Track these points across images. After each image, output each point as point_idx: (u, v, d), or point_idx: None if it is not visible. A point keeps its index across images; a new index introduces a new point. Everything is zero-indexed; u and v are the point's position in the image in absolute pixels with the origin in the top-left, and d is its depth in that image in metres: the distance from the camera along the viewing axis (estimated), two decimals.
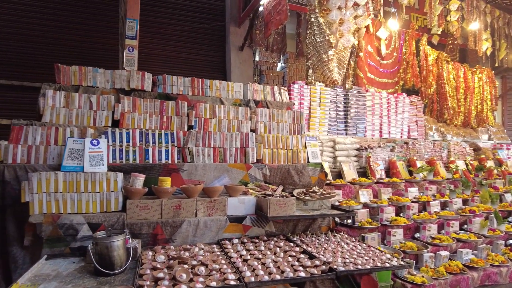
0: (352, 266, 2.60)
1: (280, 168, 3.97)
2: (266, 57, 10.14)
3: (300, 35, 6.78)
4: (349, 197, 4.49)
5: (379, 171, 5.15)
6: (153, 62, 6.66)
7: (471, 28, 6.81)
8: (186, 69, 6.60)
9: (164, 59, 6.77)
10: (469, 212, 4.61)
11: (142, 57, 6.76)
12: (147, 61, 6.70)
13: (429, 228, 4.04)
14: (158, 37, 6.77)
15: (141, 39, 6.71)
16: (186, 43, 6.91)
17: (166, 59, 6.78)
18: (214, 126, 4.14)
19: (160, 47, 6.77)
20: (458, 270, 3.52)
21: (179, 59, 6.86)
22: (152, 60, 6.69)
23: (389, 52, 6.59)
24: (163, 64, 6.70)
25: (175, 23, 6.82)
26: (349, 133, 5.60)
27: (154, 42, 6.74)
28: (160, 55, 6.78)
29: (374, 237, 3.61)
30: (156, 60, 6.71)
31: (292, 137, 4.20)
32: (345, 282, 2.78)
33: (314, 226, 3.65)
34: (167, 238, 3.12)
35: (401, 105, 6.06)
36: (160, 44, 6.76)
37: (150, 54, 6.75)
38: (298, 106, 5.21)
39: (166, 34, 6.82)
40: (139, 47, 6.75)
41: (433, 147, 5.96)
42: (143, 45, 6.73)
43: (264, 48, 6.73)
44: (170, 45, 6.83)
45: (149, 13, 6.67)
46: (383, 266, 2.64)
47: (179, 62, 6.84)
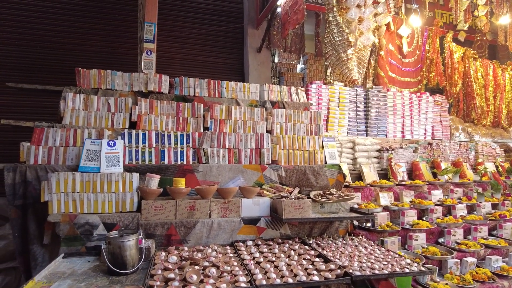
0: (368, 270, 2.49)
1: (296, 170, 3.89)
2: (285, 59, 10.09)
3: (319, 35, 6.69)
4: (369, 200, 4.35)
5: (401, 173, 4.96)
6: (172, 65, 6.76)
7: (501, 22, 6.46)
8: (204, 72, 6.64)
9: (183, 62, 6.85)
10: (499, 217, 4.35)
11: (162, 61, 6.89)
12: (167, 64, 6.81)
13: (454, 233, 3.84)
14: (177, 41, 6.86)
15: (160, 43, 6.84)
16: (205, 46, 6.96)
17: (185, 62, 6.86)
18: (229, 127, 4.13)
19: (179, 50, 6.86)
20: (487, 278, 3.32)
21: (198, 62, 6.92)
22: (171, 63, 6.79)
23: (411, 50, 6.35)
24: (182, 67, 6.78)
25: (193, 26, 6.89)
26: (370, 133, 5.44)
27: (173, 46, 6.84)
28: (179, 58, 6.87)
29: (394, 241, 3.46)
30: (175, 63, 6.81)
31: (309, 137, 4.12)
32: (361, 287, 2.67)
33: (331, 229, 3.54)
34: (181, 239, 3.12)
35: (424, 104, 5.83)
36: (179, 48, 6.85)
37: (170, 57, 6.85)
38: (316, 106, 5.11)
39: (185, 37, 6.90)
40: (158, 51, 6.87)
41: (459, 148, 5.69)
42: (163, 48, 6.85)
43: (282, 49, 6.67)
44: (189, 48, 6.91)
45: (168, 17, 6.78)
46: (402, 272, 2.52)
47: (197, 65, 6.90)
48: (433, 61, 6.42)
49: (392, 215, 4.11)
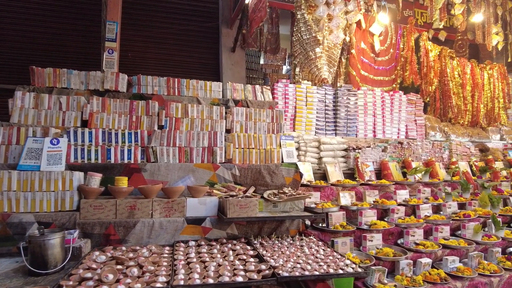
0: (299, 272, 2.39)
1: (251, 168, 3.80)
2: (271, 60, 10.02)
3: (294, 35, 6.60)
4: (330, 199, 4.24)
5: (368, 173, 4.86)
6: (146, 65, 6.71)
7: (474, 20, 6.36)
8: (179, 71, 6.59)
9: (158, 62, 6.80)
10: (464, 216, 4.24)
11: (137, 61, 6.85)
12: (141, 65, 6.76)
13: (413, 233, 3.72)
14: (152, 41, 6.81)
15: (134, 43, 6.81)
16: (180, 46, 6.91)
17: (160, 62, 6.80)
18: (186, 126, 4.06)
19: (154, 50, 6.81)
20: (439, 279, 3.20)
21: (173, 62, 6.86)
22: (145, 63, 6.74)
23: (385, 48, 6.26)
24: (157, 67, 6.72)
25: (169, 26, 6.85)
26: (339, 133, 5.35)
27: (148, 46, 6.80)
28: (154, 58, 6.82)
29: (346, 241, 3.36)
30: (150, 64, 6.76)
31: (265, 136, 4.03)
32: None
33: (281, 229, 3.45)
34: (121, 239, 3.04)
35: (397, 103, 5.73)
36: (154, 48, 6.80)
37: (144, 57, 6.81)
38: (283, 105, 5.03)
39: (160, 37, 6.85)
40: (132, 51, 6.85)
41: (432, 147, 5.58)
42: (137, 49, 6.81)
43: (256, 49, 6.60)
44: (164, 48, 6.86)
45: (142, 17, 6.75)
46: (334, 273, 2.41)
47: (172, 65, 6.85)
48: (408, 60, 6.32)
49: (351, 215, 4.01)
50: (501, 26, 7.25)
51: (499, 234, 4.12)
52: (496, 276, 3.43)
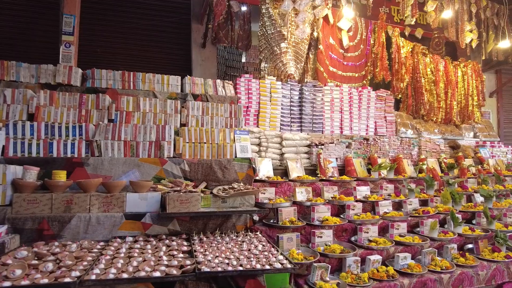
0: (220, 268, 2.30)
1: (202, 163, 3.71)
2: (252, 58, 9.93)
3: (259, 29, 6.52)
4: (287, 195, 4.16)
5: (331, 169, 4.78)
6: (116, 61, 6.59)
7: (444, 16, 6.32)
8: (150, 67, 6.47)
9: (128, 58, 6.69)
10: (423, 213, 4.17)
11: (106, 56, 6.73)
12: (111, 60, 6.64)
13: (366, 230, 3.65)
14: (123, 36, 6.70)
15: (103, 39, 6.70)
16: (151, 42, 6.80)
17: (130, 58, 6.70)
18: (137, 120, 3.96)
19: (125, 46, 6.70)
20: (386, 276, 3.12)
21: (144, 58, 6.76)
22: (115, 59, 6.63)
23: (355, 44, 6.19)
24: (127, 63, 6.60)
25: (139, 22, 6.74)
26: (305, 129, 5.27)
27: (118, 42, 6.68)
28: (124, 54, 6.71)
29: (292, 237, 3.27)
30: (120, 59, 6.64)
31: (218, 130, 3.93)
32: (224, 285, 2.47)
33: (227, 225, 3.36)
34: (55, 234, 2.93)
35: (365, 99, 5.66)
36: (125, 43, 6.69)
37: (114, 53, 6.69)
38: (246, 101, 4.94)
39: (131, 33, 6.75)
40: (101, 47, 6.74)
41: (400, 144, 5.52)
42: (106, 44, 6.70)
43: (227, 44, 6.51)
44: (135, 44, 6.75)
45: (112, 12, 6.63)
46: (259, 269, 2.33)
47: (143, 61, 6.74)
48: (378, 56, 6.25)
49: (306, 211, 3.93)
50: (475, 24, 7.22)
51: (457, 230, 4.06)
52: (447, 272, 3.36)
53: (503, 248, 3.88)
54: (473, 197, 4.96)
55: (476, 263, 3.61)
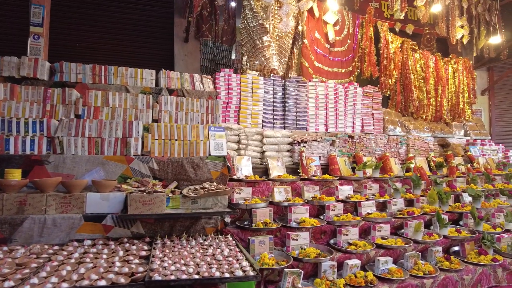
0: (173, 276, 2.09)
1: (172, 162, 3.49)
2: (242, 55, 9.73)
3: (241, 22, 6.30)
4: (266, 195, 3.95)
5: (313, 167, 4.58)
6: (96, 55, 6.35)
7: (433, 10, 6.13)
8: (131, 62, 6.18)
9: (109, 52, 6.45)
10: (408, 214, 3.98)
11: (84, 51, 6.49)
12: (90, 55, 6.41)
13: (346, 232, 3.45)
14: (102, 30, 6.46)
15: (82, 33, 6.46)
16: (132, 36, 6.57)
17: (111, 52, 6.46)
18: (106, 115, 3.74)
19: (105, 40, 6.46)
20: (363, 282, 2.93)
21: (125, 52, 6.52)
22: (95, 53, 6.39)
23: (341, 39, 5.97)
24: (107, 57, 6.37)
25: (120, 16, 6.50)
26: (288, 126, 5.06)
27: (97, 36, 6.45)
28: (104, 48, 6.47)
29: (264, 240, 3.06)
30: (100, 54, 6.40)
31: (190, 126, 3.72)
32: None
33: (196, 227, 3.14)
34: (6, 238, 2.71)
35: (351, 96, 5.46)
36: (105, 38, 6.45)
37: (94, 48, 6.46)
38: (226, 96, 4.72)
39: (112, 27, 6.51)
40: (80, 41, 6.50)
41: (388, 142, 5.33)
42: (85, 38, 6.46)
43: (211, 39, 6.29)
44: (116, 38, 6.51)
45: (91, 5, 6.39)
46: (216, 277, 2.12)
47: (124, 55, 6.50)
48: (366, 51, 6.05)
49: (284, 212, 3.73)
50: (466, 19, 7.04)
51: (443, 232, 3.88)
52: (429, 277, 3.18)
53: (490, 250, 3.70)
54: (461, 197, 4.78)
55: (461, 267, 3.43)
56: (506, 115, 8.75)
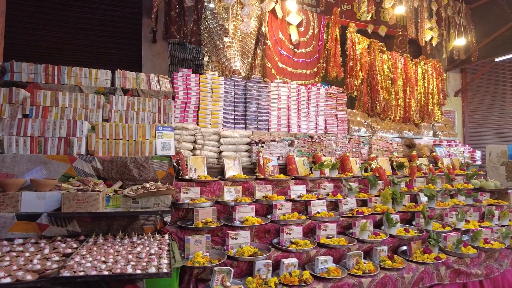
0: (82, 273, 2.10)
1: (115, 161, 3.50)
2: None
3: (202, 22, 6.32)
4: (217, 195, 3.98)
5: (271, 167, 4.61)
6: (63, 56, 6.36)
7: (396, 12, 6.19)
8: (99, 62, 6.23)
9: (76, 53, 6.45)
10: (357, 213, 4.01)
11: (51, 52, 6.49)
12: (58, 56, 6.41)
13: (288, 231, 3.47)
14: (70, 31, 6.46)
15: (48, 33, 6.46)
16: (100, 37, 6.57)
17: (78, 53, 6.46)
18: (55, 115, 3.75)
19: (72, 41, 6.47)
20: (297, 281, 2.95)
21: (92, 53, 6.52)
22: (62, 54, 6.39)
23: (306, 40, 6.01)
24: (75, 58, 6.38)
25: (88, 16, 6.50)
26: (250, 127, 5.08)
27: (65, 36, 6.44)
28: (72, 49, 6.47)
29: (201, 239, 3.08)
30: (67, 54, 6.40)
31: (136, 126, 3.73)
32: None
33: (134, 226, 3.15)
34: None
35: (314, 97, 5.49)
36: (72, 38, 6.46)
37: (61, 48, 6.45)
38: (185, 96, 4.74)
39: (79, 27, 6.51)
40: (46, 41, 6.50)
41: (349, 143, 5.36)
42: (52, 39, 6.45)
43: (179, 39, 6.31)
44: (83, 39, 6.51)
45: (58, 5, 6.39)
46: (125, 274, 2.13)
47: (92, 56, 6.51)
48: (331, 52, 6.09)
49: (231, 211, 3.74)
50: (436, 22, 7.11)
51: (392, 231, 3.91)
52: (368, 276, 3.20)
53: (435, 249, 3.74)
54: (418, 196, 4.83)
55: (404, 265, 3.46)
56: (479, 117, 8.84)
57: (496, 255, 3.99)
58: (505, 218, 4.71)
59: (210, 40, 5.10)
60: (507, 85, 9.40)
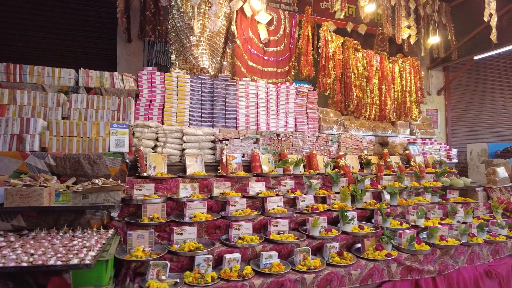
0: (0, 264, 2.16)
1: (68, 158, 3.56)
2: None
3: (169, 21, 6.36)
4: (174, 192, 4.03)
5: (234, 165, 4.64)
6: (38, 56, 6.42)
7: (367, 10, 6.18)
8: (75, 62, 6.26)
9: (51, 52, 6.51)
10: (312, 210, 4.04)
11: (27, 51, 6.56)
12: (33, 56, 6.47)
13: (237, 227, 3.51)
14: (45, 30, 6.51)
15: (24, 32, 6.54)
16: (76, 36, 6.63)
17: (53, 52, 6.52)
18: (13, 113, 3.81)
19: (48, 40, 6.54)
20: (236, 276, 2.98)
21: (68, 52, 6.58)
22: (37, 54, 6.45)
23: (277, 38, 6.03)
24: (50, 58, 6.44)
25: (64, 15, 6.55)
26: (217, 125, 5.12)
27: (41, 36, 6.51)
28: (47, 49, 6.52)
29: (143, 234, 3.14)
30: (42, 54, 6.47)
31: (90, 123, 3.79)
32: (22, 283, 2.33)
33: (80, 221, 3.22)
34: None
35: (283, 95, 5.52)
36: (48, 38, 6.52)
37: (37, 48, 6.51)
38: (149, 95, 4.80)
39: (55, 27, 6.56)
40: (22, 41, 6.58)
41: (317, 140, 5.38)
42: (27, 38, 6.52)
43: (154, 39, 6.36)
44: (59, 38, 6.57)
45: (34, 4, 6.46)
46: (43, 265, 2.19)
47: (68, 55, 6.56)
48: (303, 51, 6.11)
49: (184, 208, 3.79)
50: (414, 20, 7.08)
51: (346, 228, 3.93)
52: (312, 272, 3.23)
53: (388, 246, 3.75)
54: (382, 194, 4.83)
55: (353, 262, 3.48)
56: (462, 115, 8.77)
57: (451, 252, 3.99)
58: (469, 215, 4.70)
59: (177, 39, 5.15)
60: (492, 83, 9.32)
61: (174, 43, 5.23)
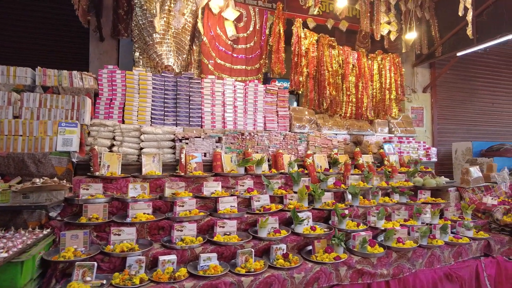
0: None
1: (12, 157, 3.55)
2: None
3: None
4: (124, 192, 3.98)
5: (194, 164, 4.58)
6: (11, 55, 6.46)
7: (339, 5, 6.01)
8: (49, 61, 6.34)
9: (23, 51, 6.55)
10: (264, 210, 3.95)
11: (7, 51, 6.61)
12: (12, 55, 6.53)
13: (180, 228, 3.44)
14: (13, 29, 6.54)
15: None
16: (50, 35, 6.65)
17: (25, 51, 6.55)
18: None
19: (19, 39, 6.56)
20: (167, 278, 2.92)
21: (39, 51, 6.60)
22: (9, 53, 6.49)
23: (247, 35, 5.92)
24: (21, 57, 6.48)
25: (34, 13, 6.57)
26: (181, 123, 5.07)
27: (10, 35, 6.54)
28: (17, 47, 6.56)
29: (78, 234, 3.08)
30: (15, 53, 6.51)
31: (37, 122, 3.77)
32: None
33: (17, 221, 3.19)
34: None
35: (252, 93, 5.43)
36: (18, 37, 6.55)
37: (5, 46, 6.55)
38: (110, 93, 4.76)
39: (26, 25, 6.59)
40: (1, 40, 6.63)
41: (284, 139, 5.28)
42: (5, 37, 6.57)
43: (127, 38, 6.33)
44: (30, 37, 6.60)
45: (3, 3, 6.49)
46: None
47: (38, 54, 6.58)
48: (274, 48, 5.99)
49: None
50: (394, 15, 6.90)
51: (298, 229, 3.83)
52: (250, 275, 3.14)
53: (339, 249, 3.64)
54: (345, 194, 4.71)
55: (297, 264, 3.38)
56: (448, 113, 8.54)
57: (409, 254, 3.87)
58: (435, 216, 4.55)
59: (140, 37, 5.11)
60: (480, 81, 9.06)
61: (137, 41, 5.19)
